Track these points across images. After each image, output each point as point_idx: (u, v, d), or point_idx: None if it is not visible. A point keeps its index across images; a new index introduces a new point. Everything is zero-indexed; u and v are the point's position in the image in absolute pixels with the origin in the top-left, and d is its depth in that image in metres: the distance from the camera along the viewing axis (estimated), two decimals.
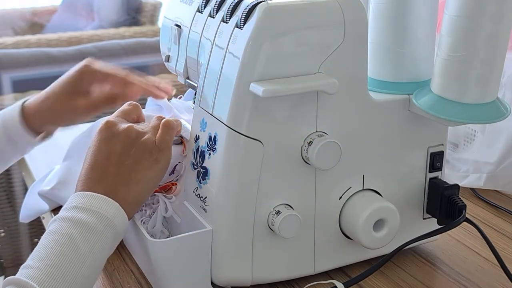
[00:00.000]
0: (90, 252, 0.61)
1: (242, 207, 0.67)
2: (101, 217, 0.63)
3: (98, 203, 0.64)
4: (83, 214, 0.62)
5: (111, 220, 0.63)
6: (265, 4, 0.63)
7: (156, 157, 0.69)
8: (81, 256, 0.60)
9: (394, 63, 0.73)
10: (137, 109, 0.75)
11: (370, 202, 0.71)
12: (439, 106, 0.68)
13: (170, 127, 0.72)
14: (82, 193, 0.65)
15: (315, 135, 0.67)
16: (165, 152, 0.70)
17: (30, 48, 2.35)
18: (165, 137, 0.71)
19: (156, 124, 0.72)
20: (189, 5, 0.76)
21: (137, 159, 0.68)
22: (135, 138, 0.69)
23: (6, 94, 2.08)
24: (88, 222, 0.62)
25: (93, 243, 0.61)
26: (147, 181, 0.69)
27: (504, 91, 0.91)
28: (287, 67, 0.65)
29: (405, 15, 0.71)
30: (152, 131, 0.71)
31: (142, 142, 0.69)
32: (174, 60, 0.80)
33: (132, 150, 0.68)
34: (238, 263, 0.69)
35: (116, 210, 0.64)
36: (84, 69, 0.83)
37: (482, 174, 0.95)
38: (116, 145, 0.68)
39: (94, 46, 2.31)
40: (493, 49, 0.65)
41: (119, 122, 0.71)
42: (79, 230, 0.61)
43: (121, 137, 0.69)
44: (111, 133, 0.69)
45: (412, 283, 0.74)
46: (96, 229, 0.62)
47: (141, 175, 0.68)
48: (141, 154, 0.69)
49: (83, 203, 0.63)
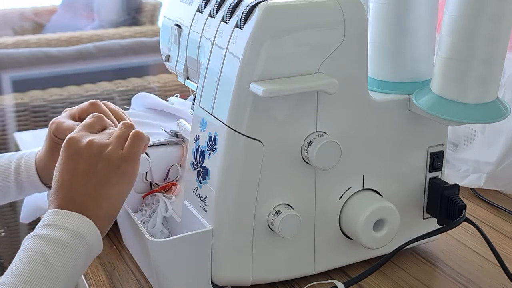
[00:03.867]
0: (64, 269, 0.60)
1: (242, 207, 0.67)
2: (74, 234, 0.62)
3: (70, 220, 0.63)
4: (56, 231, 0.62)
5: (84, 236, 0.63)
6: (265, 4, 0.63)
7: (123, 170, 0.67)
8: (55, 272, 0.59)
9: (394, 63, 0.73)
10: (101, 120, 0.73)
11: (370, 202, 0.71)
12: (439, 106, 0.68)
13: (139, 138, 0.69)
14: (55, 211, 0.64)
15: (315, 135, 0.67)
16: (133, 164, 0.68)
17: (30, 48, 2.35)
18: (134, 148, 0.68)
19: (120, 134, 0.69)
20: (189, 5, 0.76)
21: (104, 175, 0.66)
22: (98, 152, 0.67)
23: (6, 94, 2.08)
24: (61, 239, 0.61)
25: (66, 260, 0.61)
26: (117, 196, 0.67)
27: (504, 91, 0.91)
28: (287, 67, 0.65)
29: (405, 15, 0.71)
30: (116, 141, 0.68)
31: (106, 156, 0.67)
32: (174, 60, 0.80)
33: (98, 166, 0.67)
34: (238, 263, 0.69)
35: (89, 226, 0.64)
36: (51, 126, 0.80)
37: (482, 174, 0.95)
38: (79, 163, 0.67)
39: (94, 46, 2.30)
40: (493, 49, 0.65)
41: (81, 137, 0.68)
42: (52, 247, 0.61)
43: (84, 154, 0.67)
44: (74, 150, 0.67)
45: (412, 283, 0.74)
46: (70, 245, 0.61)
47: (110, 191, 0.66)
48: (107, 169, 0.67)
49: (56, 220, 0.63)
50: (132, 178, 0.68)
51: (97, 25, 2.96)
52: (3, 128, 2.01)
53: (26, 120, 2.01)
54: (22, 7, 3.20)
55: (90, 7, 3.12)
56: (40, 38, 2.54)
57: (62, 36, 2.57)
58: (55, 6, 3.23)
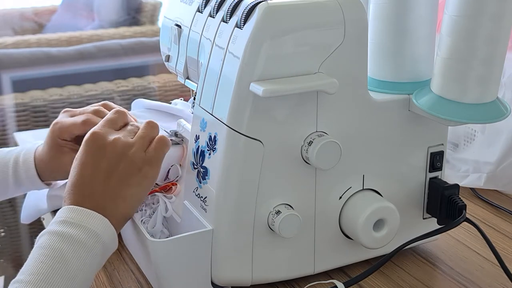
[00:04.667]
0: (80, 268, 0.60)
1: (242, 207, 0.67)
2: (91, 232, 0.62)
3: (87, 218, 0.63)
4: (72, 229, 0.62)
5: (101, 236, 0.63)
6: (265, 4, 0.63)
7: (144, 173, 0.67)
8: (72, 271, 0.59)
9: (394, 63, 0.73)
10: (124, 116, 0.73)
11: (370, 202, 0.71)
12: (439, 106, 0.68)
13: (165, 143, 0.70)
14: (71, 207, 0.64)
15: (315, 135, 0.67)
16: (155, 168, 0.69)
17: (30, 48, 2.35)
18: (158, 153, 0.69)
19: (144, 134, 0.70)
20: (189, 5, 0.76)
21: (125, 175, 0.67)
22: (122, 152, 0.67)
23: (6, 94, 2.08)
24: (78, 237, 0.61)
25: (83, 259, 0.61)
26: (135, 198, 0.67)
27: (504, 91, 0.91)
28: (287, 67, 0.65)
29: (405, 15, 0.71)
30: (140, 142, 0.69)
31: (130, 156, 0.67)
32: (174, 60, 0.80)
33: (120, 165, 0.67)
34: (238, 263, 0.69)
35: (105, 226, 0.64)
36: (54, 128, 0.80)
37: (482, 174, 0.95)
38: (102, 160, 0.67)
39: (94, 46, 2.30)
40: (493, 49, 0.65)
41: (106, 134, 0.68)
42: (69, 245, 0.61)
43: (107, 152, 0.67)
44: (97, 146, 0.67)
45: (412, 283, 0.74)
46: (86, 244, 0.61)
47: (129, 192, 0.67)
48: (129, 170, 0.67)
49: (72, 217, 0.63)
50: (152, 181, 0.69)
51: (97, 25, 2.96)
52: (3, 128, 2.01)
53: (26, 120, 2.01)
54: (22, 7, 3.20)
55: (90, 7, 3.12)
56: (40, 38, 2.54)
57: (62, 36, 2.57)
58: (55, 6, 3.23)
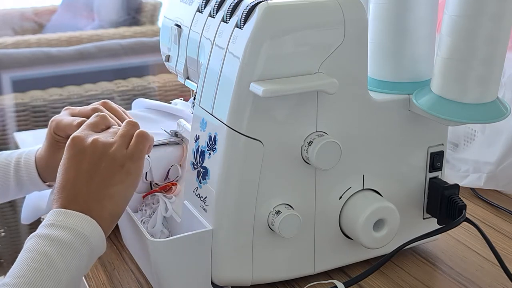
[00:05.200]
0: (67, 269, 0.60)
1: (242, 207, 0.67)
2: (78, 234, 0.62)
3: (73, 220, 0.63)
4: (59, 231, 0.62)
5: (88, 237, 0.62)
6: (265, 4, 0.63)
7: (127, 169, 0.67)
8: (58, 273, 0.59)
9: (394, 63, 0.73)
10: (105, 119, 0.73)
11: (370, 202, 0.71)
12: (439, 106, 0.68)
13: (144, 137, 0.69)
14: (58, 211, 0.64)
15: (315, 135, 0.67)
16: (137, 163, 0.68)
17: (30, 48, 2.35)
18: (139, 147, 0.68)
19: (124, 133, 0.69)
20: (189, 5, 0.76)
21: (107, 174, 0.66)
22: (103, 151, 0.67)
23: (6, 94, 2.08)
24: (64, 239, 0.61)
25: (69, 260, 0.61)
26: (121, 195, 0.67)
27: (504, 91, 0.91)
28: (287, 67, 0.65)
29: (405, 15, 0.71)
30: (121, 140, 0.68)
31: (110, 155, 0.67)
32: (174, 60, 0.80)
33: (102, 165, 0.66)
34: (238, 263, 0.69)
35: (92, 227, 0.63)
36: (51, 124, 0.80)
37: (482, 174, 0.95)
38: (83, 162, 0.66)
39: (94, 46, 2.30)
40: (493, 49, 0.65)
41: (85, 136, 0.68)
42: (55, 247, 0.61)
43: (88, 153, 0.67)
44: (78, 149, 0.67)
45: (412, 283, 0.74)
46: (73, 246, 0.61)
47: (114, 190, 0.66)
48: (111, 168, 0.66)
49: (59, 220, 0.63)
50: (136, 177, 0.68)
51: (97, 25, 2.96)
52: (3, 128, 2.01)
53: (26, 120, 2.01)
54: (22, 7, 3.20)
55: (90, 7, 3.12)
56: (40, 38, 2.55)
57: (62, 36, 2.57)
58: (55, 6, 3.23)
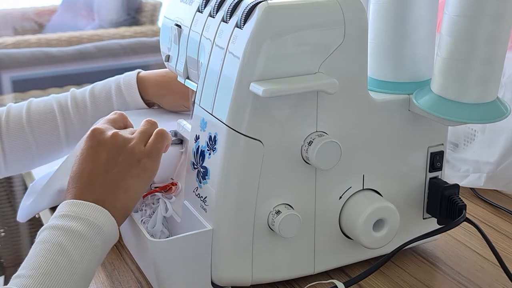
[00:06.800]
0: (81, 260, 0.60)
1: (242, 207, 0.67)
2: (91, 224, 0.62)
3: (87, 211, 0.63)
4: (73, 222, 0.62)
5: (101, 227, 0.63)
6: (265, 4, 0.63)
7: (144, 164, 0.68)
8: (73, 264, 0.60)
9: (394, 63, 0.73)
10: (123, 117, 0.75)
11: (370, 202, 0.71)
12: (439, 106, 0.68)
13: (163, 136, 0.71)
14: (71, 201, 0.64)
15: (315, 135, 0.67)
16: (154, 160, 0.69)
17: (30, 48, 2.35)
18: (157, 145, 0.70)
19: (144, 130, 0.71)
20: (189, 5, 0.76)
21: (124, 167, 0.67)
22: (122, 145, 0.68)
23: (6, 94, 2.08)
24: (78, 230, 0.61)
25: (84, 251, 0.61)
26: (135, 189, 0.68)
27: (504, 91, 0.91)
28: (287, 67, 0.65)
29: (405, 15, 0.71)
30: (140, 136, 0.70)
31: (129, 149, 0.68)
32: (174, 60, 0.80)
33: (119, 157, 0.68)
34: (238, 263, 0.69)
35: (105, 217, 0.64)
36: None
37: (482, 174, 0.95)
38: (102, 153, 0.68)
39: (94, 46, 2.31)
40: (493, 49, 0.65)
41: (105, 130, 0.70)
42: (69, 238, 0.61)
43: (107, 145, 0.68)
44: (97, 141, 0.68)
45: (412, 283, 0.74)
46: (86, 236, 0.62)
47: (129, 183, 0.67)
48: (128, 161, 0.68)
49: (73, 211, 0.63)
50: (151, 174, 0.69)
51: (97, 25, 2.96)
52: None
53: None
54: (23, 7, 3.20)
55: (90, 7, 3.12)
56: (40, 38, 2.55)
57: (62, 36, 2.57)
58: (55, 6, 3.23)
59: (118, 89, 0.91)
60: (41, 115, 0.88)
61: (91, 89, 0.92)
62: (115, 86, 0.91)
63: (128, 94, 0.91)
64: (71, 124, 0.89)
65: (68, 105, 0.90)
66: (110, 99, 0.91)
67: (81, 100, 0.90)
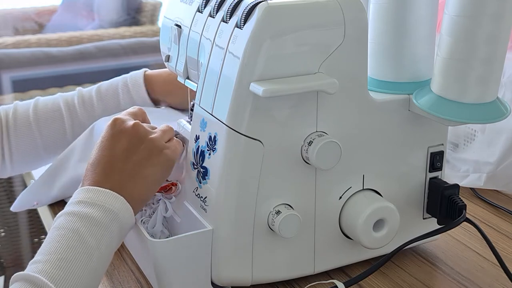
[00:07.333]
0: (98, 246, 0.61)
1: (242, 207, 0.67)
2: (107, 211, 0.63)
3: (103, 197, 0.64)
4: (89, 208, 0.63)
5: (117, 214, 0.63)
6: (265, 4, 0.63)
7: (166, 154, 0.70)
8: (89, 249, 0.60)
9: (394, 63, 0.73)
10: (142, 112, 0.77)
11: (370, 202, 0.71)
12: (439, 106, 0.68)
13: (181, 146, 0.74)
14: (87, 188, 0.65)
15: (315, 135, 0.67)
16: (174, 154, 0.71)
17: (30, 48, 2.35)
18: (177, 145, 0.73)
19: (165, 130, 0.73)
20: (189, 5, 0.76)
21: (145, 155, 0.69)
22: (144, 135, 0.70)
23: (6, 94, 2.08)
24: (94, 216, 0.62)
25: (100, 237, 0.62)
26: (154, 178, 0.69)
27: (504, 91, 0.91)
28: (287, 67, 0.65)
29: (405, 15, 0.71)
30: (161, 133, 0.72)
31: (151, 139, 0.70)
32: (174, 60, 0.80)
33: (141, 146, 0.69)
34: (238, 263, 0.69)
35: (121, 204, 0.64)
36: None
37: (482, 174, 0.95)
38: (123, 141, 0.69)
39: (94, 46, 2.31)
40: (493, 49, 0.65)
41: (127, 120, 0.71)
42: (85, 224, 0.61)
43: (128, 133, 0.69)
44: (119, 129, 0.70)
45: (412, 283, 0.74)
46: (102, 223, 0.62)
47: (148, 171, 0.68)
48: (151, 149, 0.69)
49: (89, 197, 0.64)
50: (171, 165, 0.71)
51: (97, 25, 2.96)
52: None
53: None
54: (23, 7, 3.20)
55: (90, 7, 3.12)
56: (40, 38, 2.55)
57: (62, 36, 2.57)
58: (55, 6, 3.23)
59: (125, 87, 0.92)
60: (49, 113, 0.89)
61: (97, 87, 0.93)
62: (122, 84, 0.92)
63: (135, 92, 0.92)
64: (78, 122, 0.90)
65: (75, 103, 0.90)
66: (117, 97, 0.91)
67: (88, 98, 0.91)
